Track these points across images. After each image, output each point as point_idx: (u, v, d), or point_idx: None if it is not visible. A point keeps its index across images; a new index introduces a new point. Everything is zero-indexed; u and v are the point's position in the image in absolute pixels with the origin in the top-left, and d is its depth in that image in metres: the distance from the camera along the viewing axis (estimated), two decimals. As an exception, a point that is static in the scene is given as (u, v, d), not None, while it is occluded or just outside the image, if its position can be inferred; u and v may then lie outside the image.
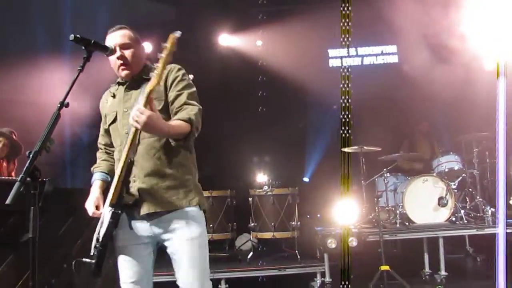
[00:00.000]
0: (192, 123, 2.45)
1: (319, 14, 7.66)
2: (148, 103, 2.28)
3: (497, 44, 2.64)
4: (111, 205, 2.39)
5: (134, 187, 2.47)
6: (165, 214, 2.49)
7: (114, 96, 2.71)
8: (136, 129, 2.30)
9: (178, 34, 2.29)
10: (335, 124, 7.31)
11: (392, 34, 8.46)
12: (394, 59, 8.87)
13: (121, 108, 2.63)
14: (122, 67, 2.59)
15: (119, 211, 2.39)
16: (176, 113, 2.52)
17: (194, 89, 2.63)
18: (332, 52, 8.82)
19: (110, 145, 2.78)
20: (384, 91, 7.96)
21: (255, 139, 7.83)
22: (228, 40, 8.59)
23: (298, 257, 5.85)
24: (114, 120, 2.66)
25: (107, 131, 2.76)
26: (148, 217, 2.49)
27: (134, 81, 2.65)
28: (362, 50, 8.90)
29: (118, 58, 2.57)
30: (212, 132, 7.99)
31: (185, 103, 2.53)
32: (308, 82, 7.80)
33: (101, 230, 2.43)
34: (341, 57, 8.76)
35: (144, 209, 2.47)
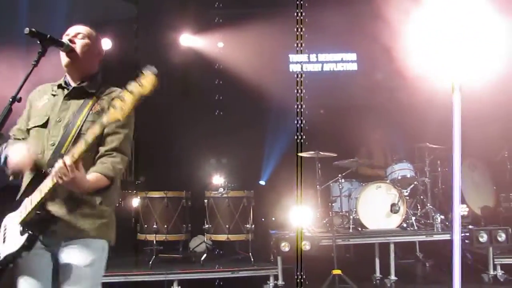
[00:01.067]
0: (113, 180, 2.35)
1: (281, 18, 7.70)
2: (79, 156, 2.09)
3: (453, 60, 2.71)
4: (25, 224, 2.24)
5: (50, 209, 2.30)
6: (73, 240, 2.35)
7: (53, 96, 2.50)
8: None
9: (155, 71, 2.00)
10: (293, 128, 7.37)
11: (352, 42, 8.61)
12: (353, 66, 8.99)
13: (55, 116, 2.43)
14: (68, 59, 2.42)
15: (37, 234, 2.22)
16: (101, 156, 2.38)
17: (131, 128, 2.49)
18: (293, 57, 8.88)
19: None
20: (342, 98, 8.09)
21: (213, 141, 7.80)
22: (189, 40, 8.51)
23: (252, 259, 5.86)
24: (43, 125, 2.44)
25: (28, 131, 2.51)
26: (56, 239, 2.35)
27: (77, 90, 2.46)
28: (322, 57, 8.98)
29: (67, 51, 2.41)
30: (171, 132, 7.94)
31: (116, 149, 2.39)
32: (268, 86, 7.83)
33: (3, 247, 2.27)
34: (301, 63, 8.83)
35: (57, 233, 2.31)
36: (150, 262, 5.77)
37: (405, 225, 6.51)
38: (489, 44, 6.67)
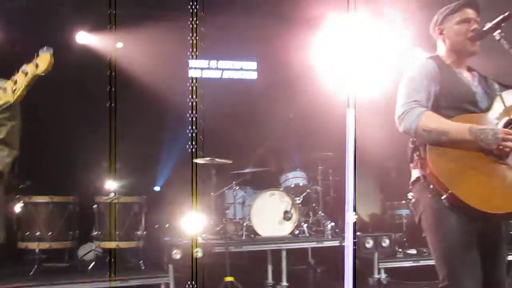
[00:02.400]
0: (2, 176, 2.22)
1: (183, 23, 7.61)
2: None
3: (348, 74, 2.80)
4: None
5: None
6: None
7: None
8: None
9: (51, 51, 1.91)
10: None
11: (253, 51, 8.70)
12: (253, 75, 9.08)
13: None
14: None
15: None
16: None
17: (19, 119, 2.36)
18: (192, 63, 8.79)
19: None
20: (241, 105, 8.13)
21: (106, 144, 7.50)
22: (86, 38, 8.13)
23: (142, 267, 5.70)
24: None
25: None
26: None
27: None
28: (222, 64, 8.98)
29: None
30: (61, 133, 7.53)
31: (2, 141, 2.28)
32: (167, 91, 7.69)
33: None
34: (201, 69, 8.77)
35: None
36: (31, 272, 5.41)
37: (297, 232, 6.63)
38: (379, 60, 7.06)
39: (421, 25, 2.85)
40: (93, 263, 5.80)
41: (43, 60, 1.88)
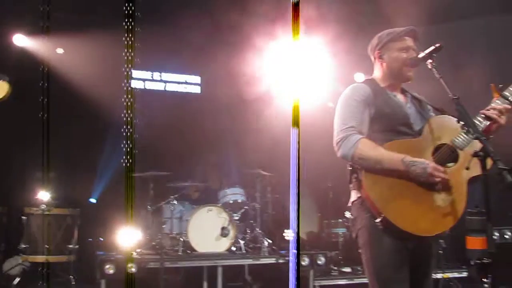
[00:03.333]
0: None
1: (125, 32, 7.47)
2: None
3: (293, 94, 2.85)
4: None
5: None
6: None
7: None
8: None
9: (6, 78, 1.80)
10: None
11: (197, 65, 8.66)
12: (196, 89, 9.03)
13: None
14: None
15: None
16: None
17: None
18: (135, 73, 8.64)
19: None
20: (183, 119, 8.05)
21: (40, 154, 7.19)
22: (23, 41, 7.80)
23: (73, 283, 5.49)
24: None
25: None
26: None
27: None
28: (166, 76, 8.88)
29: None
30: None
31: None
32: (107, 101, 7.49)
33: None
34: (144, 80, 8.64)
35: None
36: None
37: (234, 248, 6.60)
38: (323, 82, 7.21)
39: (362, 51, 2.93)
40: (19, 278, 5.52)
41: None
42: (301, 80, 6.70)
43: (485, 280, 2.14)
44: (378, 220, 2.41)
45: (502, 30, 7.24)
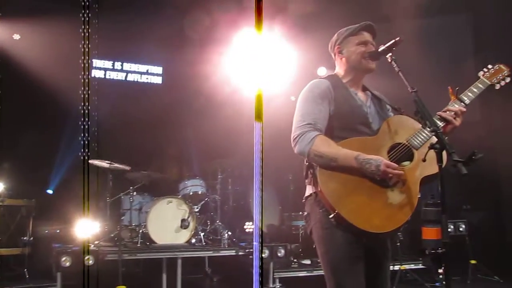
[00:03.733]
0: None
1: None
2: None
3: (257, 87, 2.83)
4: None
5: None
6: None
7: None
8: None
9: None
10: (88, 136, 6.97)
11: (160, 56, 8.55)
12: (158, 80, 8.92)
13: None
14: None
15: None
16: None
17: None
18: (96, 62, 8.47)
19: None
20: (143, 109, 7.93)
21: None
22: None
23: (27, 276, 5.35)
24: None
25: None
26: None
27: None
28: (128, 66, 8.73)
29: None
30: None
31: None
32: (66, 90, 7.30)
33: None
34: (105, 69, 8.48)
35: None
36: None
37: (194, 240, 6.57)
38: (287, 75, 7.23)
39: (325, 46, 2.94)
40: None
41: None
42: (265, 74, 6.71)
43: (439, 270, 2.18)
44: (331, 216, 2.43)
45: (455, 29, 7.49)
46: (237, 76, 7.36)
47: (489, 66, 2.77)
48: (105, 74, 8.51)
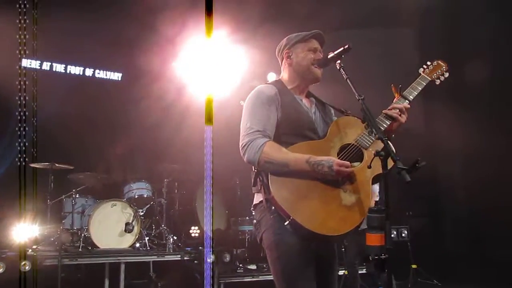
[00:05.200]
0: None
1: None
2: None
3: (207, 92, 2.80)
4: None
5: None
6: None
7: None
8: None
9: None
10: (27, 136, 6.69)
11: (108, 56, 8.32)
12: (113, 79, 8.66)
13: None
14: None
15: None
16: None
17: None
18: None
19: None
20: (89, 109, 7.71)
21: None
22: None
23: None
24: None
25: None
26: None
27: None
28: (72, 66, 8.43)
29: None
30: None
31: None
32: (6, 88, 6.98)
33: None
34: (41, 62, 8.13)
35: None
36: None
37: (138, 245, 6.44)
38: (238, 80, 7.22)
39: (275, 51, 2.94)
40: None
41: None
42: (214, 78, 6.68)
43: (382, 275, 2.21)
44: (286, 223, 2.39)
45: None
46: (188, 80, 7.29)
47: (428, 63, 2.86)
48: (40, 65, 8.14)
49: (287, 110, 2.62)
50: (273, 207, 2.48)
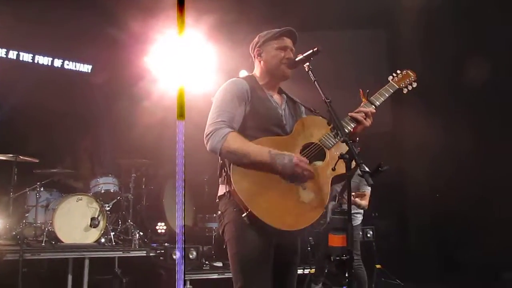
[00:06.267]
0: None
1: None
2: None
3: (178, 87, 2.78)
4: None
5: None
6: None
7: None
8: None
9: None
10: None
11: (74, 48, 8.19)
12: (84, 70, 8.53)
13: None
14: None
15: None
16: None
17: None
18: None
19: None
20: (57, 101, 7.56)
21: None
22: None
23: None
24: None
25: None
26: None
27: None
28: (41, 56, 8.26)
29: None
30: None
31: None
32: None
33: None
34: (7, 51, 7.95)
35: None
36: None
37: (103, 240, 6.35)
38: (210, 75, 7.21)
39: (247, 48, 2.95)
40: None
41: None
42: (186, 73, 6.65)
43: (344, 275, 2.25)
44: (244, 215, 2.42)
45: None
46: (159, 75, 7.24)
47: (398, 71, 2.93)
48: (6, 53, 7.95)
49: (256, 105, 2.65)
50: (234, 200, 2.50)
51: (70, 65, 8.41)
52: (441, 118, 6.92)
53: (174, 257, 6.17)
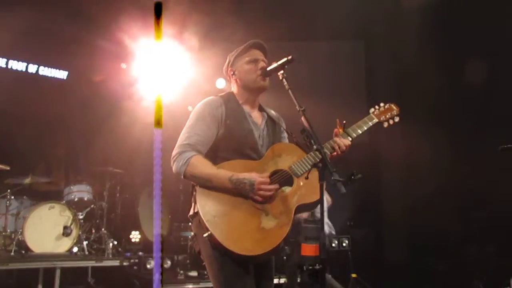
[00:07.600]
0: None
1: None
2: None
3: (156, 95, 2.74)
4: None
5: None
6: None
7: None
8: None
9: None
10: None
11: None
12: (58, 77, 8.38)
13: None
14: None
15: None
16: None
17: None
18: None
19: None
20: (31, 106, 7.43)
21: None
22: None
23: None
24: None
25: None
26: None
27: None
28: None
29: None
30: None
31: None
32: None
33: None
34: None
35: None
36: None
37: (76, 249, 6.24)
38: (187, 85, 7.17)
39: (224, 58, 2.93)
40: None
41: None
42: (164, 82, 6.61)
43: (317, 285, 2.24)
44: (205, 235, 2.41)
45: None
46: (136, 82, 7.19)
47: (381, 104, 2.88)
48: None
49: (231, 126, 2.64)
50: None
51: (45, 71, 8.26)
52: (419, 128, 6.97)
53: (148, 266, 6.08)
